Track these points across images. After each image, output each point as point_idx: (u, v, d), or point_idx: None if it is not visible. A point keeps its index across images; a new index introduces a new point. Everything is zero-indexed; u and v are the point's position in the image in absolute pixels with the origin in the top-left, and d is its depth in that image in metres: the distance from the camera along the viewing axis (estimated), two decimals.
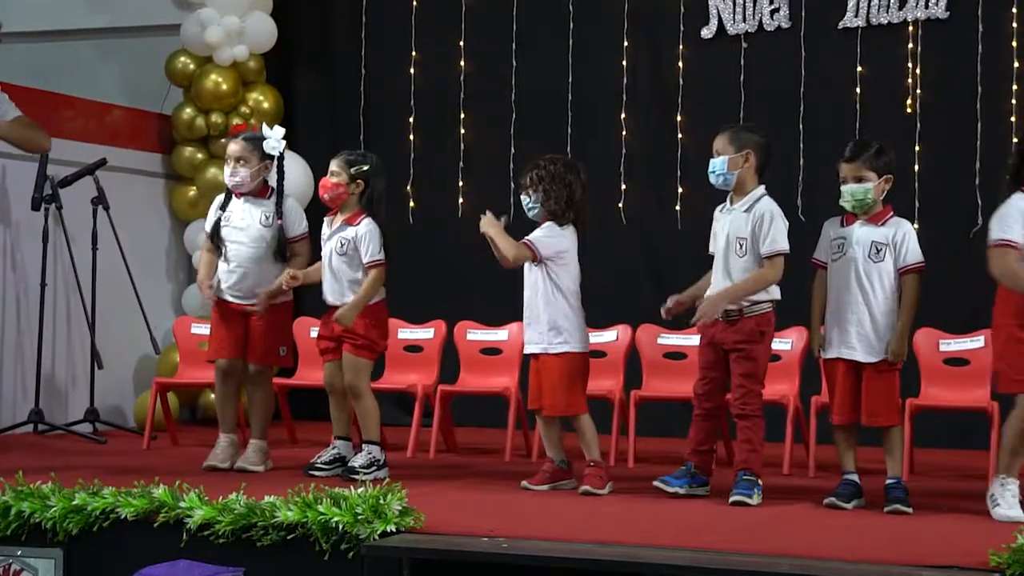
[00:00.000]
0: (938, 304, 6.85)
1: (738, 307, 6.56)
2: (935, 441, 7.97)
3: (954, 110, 9.04)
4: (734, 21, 9.60)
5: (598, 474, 6.76)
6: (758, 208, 6.59)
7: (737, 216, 6.61)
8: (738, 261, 6.59)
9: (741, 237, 6.58)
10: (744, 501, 6.40)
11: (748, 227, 6.56)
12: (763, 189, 6.66)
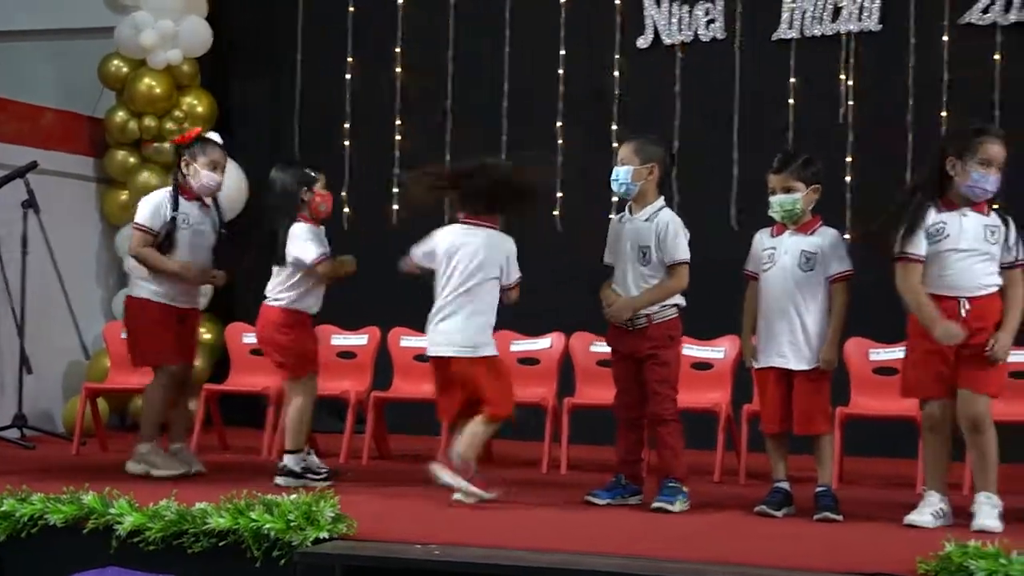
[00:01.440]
0: (868, 313, 6.90)
1: (646, 315, 6.64)
2: (864, 449, 8.02)
3: (886, 121, 9.13)
4: (670, 31, 9.66)
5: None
6: (660, 218, 6.68)
7: (639, 226, 6.69)
8: (641, 269, 6.66)
9: (644, 246, 6.66)
10: (665, 508, 6.45)
11: (652, 237, 6.64)
12: (663, 200, 6.76)
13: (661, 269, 6.65)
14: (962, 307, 6.13)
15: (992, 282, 6.16)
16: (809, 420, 6.43)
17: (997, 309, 6.16)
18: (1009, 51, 8.96)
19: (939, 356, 6.16)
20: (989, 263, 6.15)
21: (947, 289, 6.16)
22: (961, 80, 9.01)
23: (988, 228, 6.17)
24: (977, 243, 6.14)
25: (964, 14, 9.05)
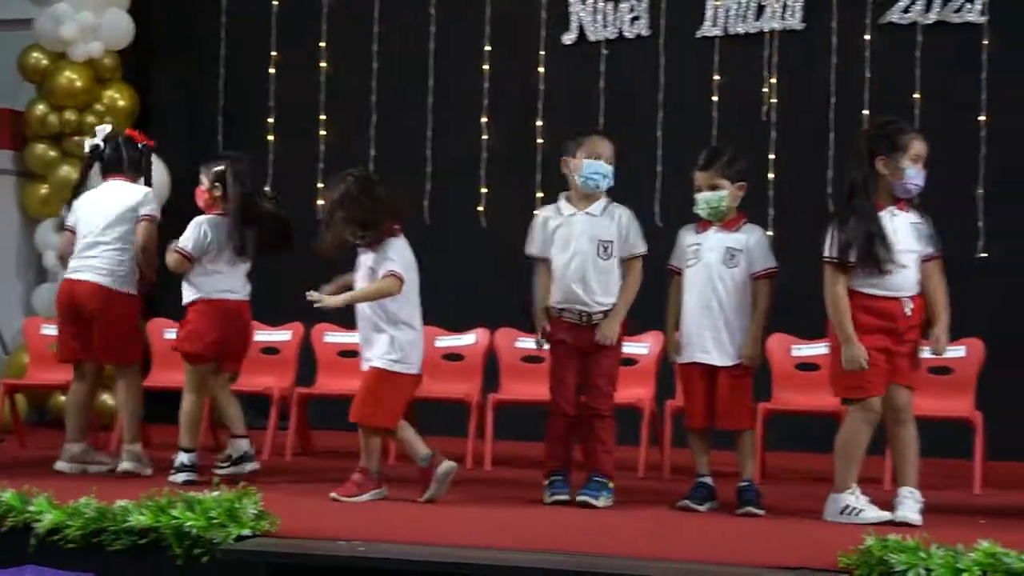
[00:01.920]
0: (791, 310, 6.96)
1: (602, 310, 6.61)
2: (787, 444, 8.09)
3: (808, 119, 9.20)
4: (595, 28, 9.68)
5: (357, 480, 6.61)
6: (617, 211, 6.67)
7: (595, 220, 6.65)
8: (602, 263, 6.62)
9: (605, 240, 6.62)
10: (590, 502, 6.46)
11: (613, 230, 6.61)
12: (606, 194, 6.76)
13: (617, 264, 6.65)
14: (906, 307, 6.17)
15: (919, 279, 6.23)
16: (732, 415, 6.47)
17: (923, 306, 6.23)
18: (929, 50, 9.05)
19: (885, 354, 6.19)
20: (917, 260, 6.22)
21: (890, 290, 6.17)
22: (882, 79, 9.10)
23: (914, 226, 6.23)
24: (910, 242, 6.20)
25: (885, 13, 9.14)
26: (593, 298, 6.60)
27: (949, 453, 7.45)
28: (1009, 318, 8.49)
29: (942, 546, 4.94)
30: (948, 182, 8.57)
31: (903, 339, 6.18)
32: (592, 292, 6.60)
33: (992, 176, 8.89)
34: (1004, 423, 7.73)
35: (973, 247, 8.75)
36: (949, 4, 9.05)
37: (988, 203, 8.87)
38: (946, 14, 9.06)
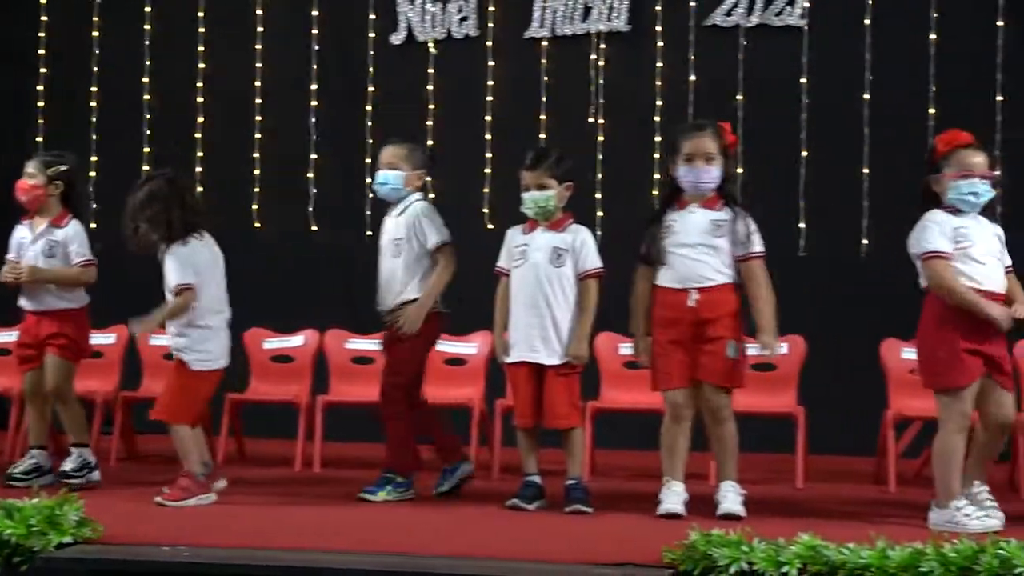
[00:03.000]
0: (618, 309, 7.03)
1: (400, 302, 6.77)
2: (615, 442, 8.17)
3: (634, 120, 9.30)
4: (423, 28, 9.67)
5: (183, 485, 6.56)
6: (413, 208, 6.82)
7: (395, 221, 6.85)
8: (394, 262, 6.78)
9: (397, 239, 6.78)
10: (366, 498, 6.61)
11: (404, 229, 6.78)
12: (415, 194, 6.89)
13: (417, 259, 6.78)
14: (690, 298, 6.31)
15: (721, 274, 6.35)
16: (560, 414, 6.51)
17: (728, 301, 6.36)
18: (752, 52, 9.22)
19: (679, 346, 6.33)
20: (714, 256, 6.34)
21: (675, 281, 6.36)
22: (706, 80, 9.24)
23: (714, 222, 6.35)
24: (701, 237, 6.34)
25: (708, 16, 9.29)
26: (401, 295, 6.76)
27: (773, 448, 7.59)
28: (828, 315, 8.68)
29: (764, 540, 5.05)
30: (771, 182, 8.80)
31: (703, 335, 6.31)
32: (393, 291, 6.78)
33: (812, 176, 9.08)
34: (824, 418, 7.90)
35: (794, 246, 8.92)
36: (770, 7, 9.23)
37: (808, 202, 9.05)
38: (767, 17, 9.24)
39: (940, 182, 6.25)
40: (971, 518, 5.99)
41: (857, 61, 9.05)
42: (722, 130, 6.45)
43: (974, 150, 6.26)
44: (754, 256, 6.38)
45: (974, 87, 8.90)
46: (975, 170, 6.21)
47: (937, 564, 4.84)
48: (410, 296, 6.78)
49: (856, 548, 4.95)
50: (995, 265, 6.22)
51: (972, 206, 6.24)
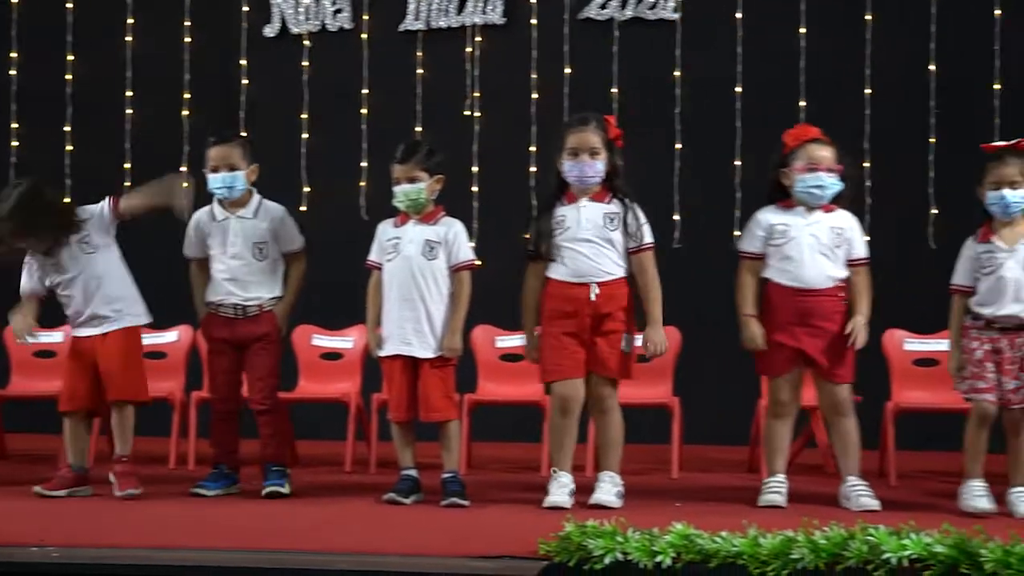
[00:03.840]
0: (495, 301, 7.05)
1: (258, 304, 6.74)
2: (492, 435, 8.18)
3: (511, 113, 9.31)
4: (297, 21, 9.60)
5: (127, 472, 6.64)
6: (269, 212, 6.83)
7: (247, 222, 6.80)
8: (260, 264, 6.76)
9: (260, 243, 6.76)
10: (279, 491, 6.57)
11: (266, 230, 6.77)
12: (257, 194, 6.89)
13: (276, 261, 6.82)
14: (592, 292, 6.34)
15: (618, 267, 6.38)
16: (435, 407, 6.50)
17: (624, 295, 6.40)
18: (626, 46, 9.26)
19: (575, 339, 6.36)
20: (611, 249, 6.36)
21: (572, 276, 6.38)
22: (582, 73, 9.27)
23: (607, 216, 6.38)
24: (596, 231, 6.36)
25: (583, 9, 9.32)
26: (255, 294, 6.73)
27: (649, 438, 7.63)
28: (701, 306, 8.75)
29: (638, 530, 5.09)
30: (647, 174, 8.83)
31: (599, 328, 6.33)
32: (248, 290, 6.74)
33: (686, 169, 9.16)
34: (698, 408, 7.98)
35: (669, 238, 8.98)
36: (644, 1, 9.28)
37: (682, 194, 9.13)
38: (641, 11, 9.29)
39: (788, 176, 6.40)
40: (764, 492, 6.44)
41: (729, 54, 9.13)
42: (607, 123, 6.49)
43: (822, 144, 6.45)
44: (645, 248, 6.43)
45: (844, 81, 9.03)
46: (821, 163, 6.40)
47: (808, 551, 4.91)
48: (275, 294, 6.79)
49: (729, 536, 5.02)
50: (821, 261, 6.42)
51: (817, 199, 6.45)
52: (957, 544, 4.85)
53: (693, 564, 4.96)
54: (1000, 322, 6.26)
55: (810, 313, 6.41)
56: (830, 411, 6.53)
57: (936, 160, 8.84)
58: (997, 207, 6.27)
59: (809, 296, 6.42)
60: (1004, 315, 6.25)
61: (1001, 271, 6.25)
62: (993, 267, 6.27)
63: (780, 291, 6.46)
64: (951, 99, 8.95)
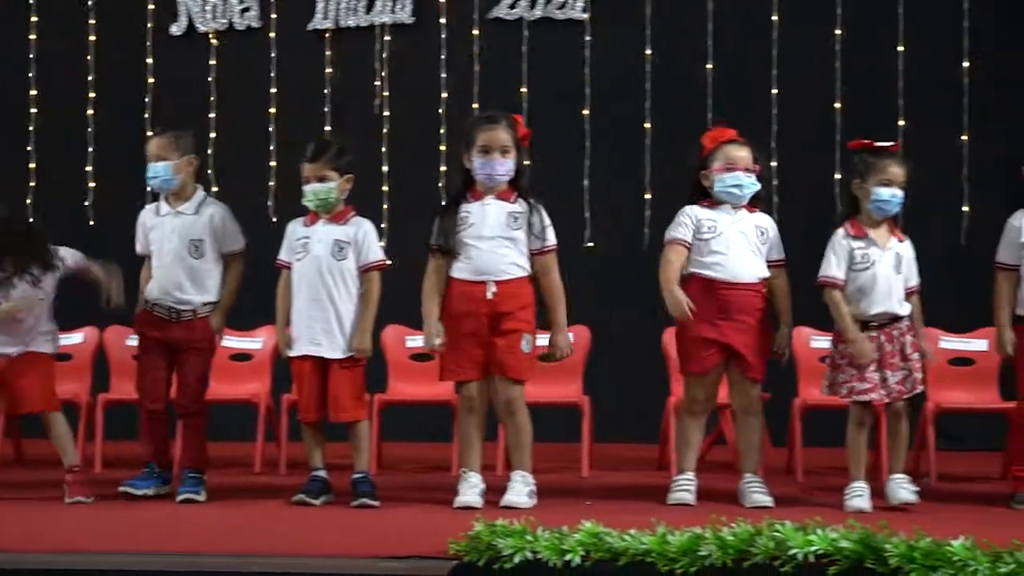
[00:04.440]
0: (405, 301, 7.03)
1: (193, 308, 6.65)
2: (402, 435, 8.17)
3: (421, 112, 9.30)
4: (204, 19, 9.52)
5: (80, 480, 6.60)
6: (209, 209, 6.74)
7: (188, 219, 6.70)
8: (195, 262, 6.66)
9: (196, 240, 6.67)
10: (194, 499, 6.49)
11: (205, 229, 6.68)
12: (203, 191, 6.82)
13: (213, 261, 6.70)
14: (489, 290, 6.35)
15: (518, 267, 6.39)
16: (345, 407, 6.48)
17: (525, 294, 6.41)
18: (535, 45, 9.29)
19: (475, 338, 6.36)
20: (512, 248, 6.38)
21: (472, 273, 6.39)
22: (491, 73, 9.29)
23: (511, 215, 6.40)
24: (499, 229, 6.38)
25: (492, 9, 9.33)
26: (184, 295, 6.65)
27: (559, 437, 7.65)
28: (611, 305, 8.82)
29: (548, 528, 5.10)
30: (556, 173, 8.88)
31: (499, 328, 6.35)
32: (184, 290, 6.64)
33: (596, 168, 9.20)
34: (608, 406, 8.03)
35: (580, 236, 9.02)
36: (553, 1, 9.31)
37: (592, 193, 9.17)
38: (550, 10, 9.32)
39: (708, 176, 6.47)
40: (674, 489, 6.51)
41: (638, 54, 9.18)
42: (516, 122, 6.50)
43: (739, 145, 6.54)
44: (548, 250, 6.43)
45: (751, 79, 9.11)
46: (739, 164, 6.48)
47: (716, 547, 4.94)
48: (213, 298, 6.71)
49: (637, 534, 5.04)
50: (749, 257, 6.51)
51: (737, 198, 6.53)
52: (862, 539, 4.90)
53: (602, 562, 4.97)
54: (876, 319, 6.40)
55: (733, 308, 6.47)
56: (742, 409, 6.59)
57: (842, 159, 8.94)
58: (884, 204, 6.40)
59: (734, 290, 6.48)
60: (877, 312, 6.39)
61: (875, 268, 6.39)
62: (868, 264, 6.40)
63: (705, 285, 6.50)
64: (857, 97, 9.06)
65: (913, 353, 6.42)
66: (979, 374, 7.58)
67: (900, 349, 6.40)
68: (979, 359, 7.59)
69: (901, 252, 6.46)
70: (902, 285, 6.45)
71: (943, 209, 8.70)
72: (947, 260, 8.28)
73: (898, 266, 6.43)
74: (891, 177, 6.39)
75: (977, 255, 6.82)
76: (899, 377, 6.39)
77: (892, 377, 6.38)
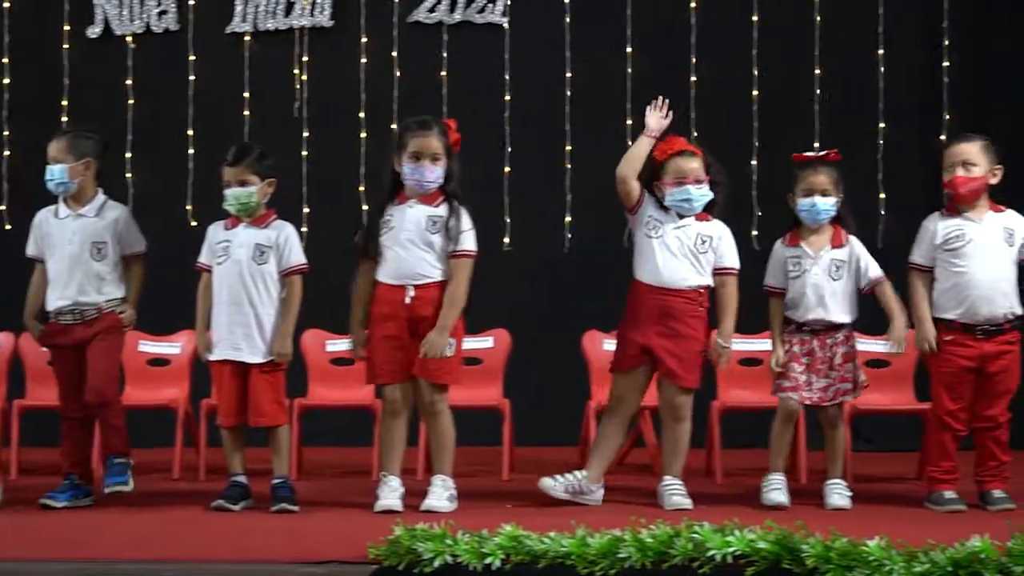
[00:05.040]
0: (325, 305, 7.02)
1: (96, 306, 6.59)
2: (324, 439, 8.15)
3: (341, 116, 9.27)
4: (121, 22, 9.44)
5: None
6: (112, 212, 6.69)
7: (90, 222, 6.64)
8: (96, 265, 6.60)
9: (99, 242, 6.61)
10: (121, 490, 6.46)
11: (108, 231, 6.62)
12: (103, 194, 6.74)
13: (113, 264, 6.62)
14: (407, 294, 6.36)
15: (437, 271, 6.40)
16: (264, 412, 6.46)
17: (440, 297, 6.40)
18: (455, 50, 9.29)
19: (396, 342, 6.37)
20: (430, 252, 6.39)
21: (393, 277, 6.40)
22: (411, 77, 9.28)
23: (431, 219, 6.40)
24: (416, 233, 6.39)
25: (412, 12, 9.33)
26: (85, 298, 6.59)
27: (480, 440, 7.67)
28: (532, 308, 8.85)
29: (468, 532, 5.11)
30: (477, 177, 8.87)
31: (419, 332, 6.36)
32: (85, 292, 6.58)
33: (516, 171, 9.21)
34: (528, 409, 8.05)
35: (500, 240, 9.04)
36: (473, 4, 9.32)
37: (512, 198, 9.18)
38: (470, 14, 9.33)
39: (660, 188, 6.54)
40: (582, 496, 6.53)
41: (558, 58, 9.22)
42: (448, 128, 6.51)
43: (688, 156, 6.59)
44: (460, 254, 6.43)
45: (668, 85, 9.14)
46: (688, 176, 6.54)
47: (635, 550, 4.98)
48: (114, 297, 6.63)
49: (557, 537, 5.06)
50: (683, 264, 6.57)
51: (688, 211, 6.62)
52: (779, 540, 4.96)
53: (522, 565, 4.99)
54: (810, 325, 6.53)
55: (666, 313, 6.53)
56: (669, 414, 6.62)
57: (759, 165, 9.02)
58: (808, 213, 6.57)
59: (666, 296, 6.53)
60: (811, 319, 6.54)
61: (807, 276, 6.55)
62: (800, 272, 6.57)
63: (641, 289, 6.58)
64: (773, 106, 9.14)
65: (845, 363, 6.51)
66: (895, 376, 7.67)
67: (830, 358, 6.50)
68: (895, 361, 7.67)
69: (840, 257, 6.57)
70: (845, 291, 6.58)
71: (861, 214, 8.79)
72: None
73: (835, 272, 6.54)
74: (811, 186, 6.53)
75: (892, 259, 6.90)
76: (823, 384, 6.50)
77: (816, 383, 6.50)
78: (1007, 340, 6.50)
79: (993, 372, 6.47)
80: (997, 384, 6.48)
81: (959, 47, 9.18)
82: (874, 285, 6.63)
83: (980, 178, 6.47)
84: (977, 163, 6.45)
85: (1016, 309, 6.50)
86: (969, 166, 6.46)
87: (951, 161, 6.49)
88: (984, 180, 6.49)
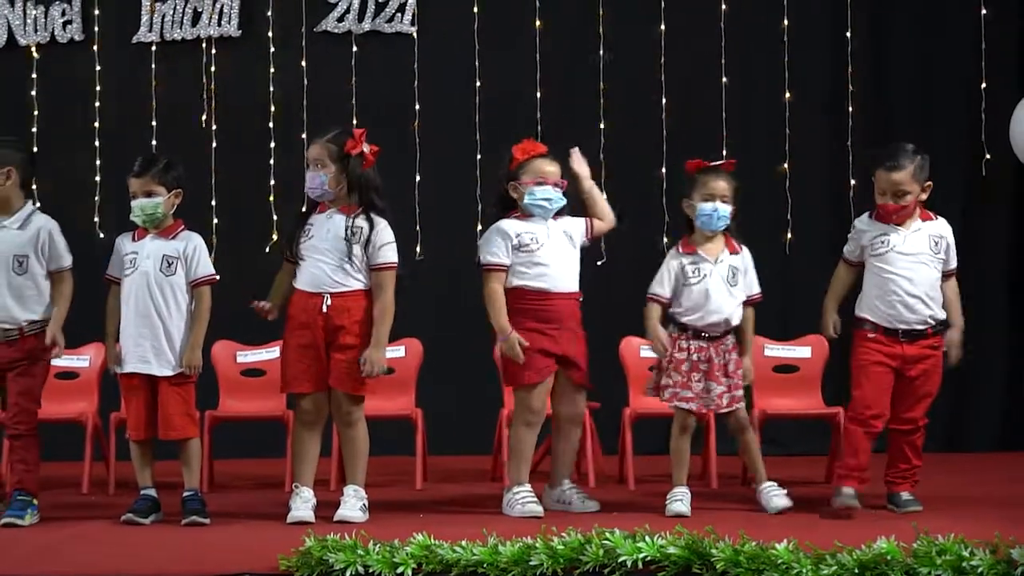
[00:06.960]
0: (235, 316, 6.99)
1: (18, 326, 6.47)
2: (236, 451, 8.09)
3: (249, 126, 9.23)
4: (25, 32, 9.33)
5: None
6: (37, 223, 6.55)
7: (12, 234, 6.51)
8: (18, 279, 6.48)
9: (20, 255, 6.49)
10: (15, 522, 6.30)
11: (30, 244, 6.49)
12: (31, 204, 6.64)
13: (37, 278, 6.50)
14: (324, 303, 6.35)
15: (354, 280, 6.39)
16: (174, 425, 6.42)
17: (360, 308, 6.40)
18: (363, 59, 9.29)
19: (311, 351, 6.37)
20: (348, 262, 6.38)
21: (310, 285, 6.40)
22: (320, 86, 9.26)
23: (349, 229, 6.40)
24: (334, 242, 6.39)
25: (320, 22, 9.30)
26: (6, 313, 6.46)
27: (392, 450, 7.66)
28: (441, 317, 8.85)
29: (380, 542, 5.12)
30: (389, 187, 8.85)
31: (335, 341, 6.35)
32: (5, 307, 6.46)
33: (426, 181, 9.21)
34: (441, 418, 8.06)
35: (411, 249, 9.03)
36: (381, 14, 9.32)
37: (422, 206, 9.18)
38: (379, 24, 9.32)
39: (517, 188, 6.56)
40: (523, 503, 6.45)
41: (467, 67, 9.23)
42: (344, 137, 6.49)
43: (549, 159, 6.69)
44: (382, 266, 6.42)
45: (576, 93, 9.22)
46: (549, 178, 6.58)
47: (546, 557, 5.00)
48: (37, 317, 6.51)
49: (468, 545, 5.08)
50: (570, 265, 6.66)
51: (546, 212, 6.64)
52: (689, 545, 5.01)
53: (434, 574, 5.01)
54: (708, 331, 6.56)
55: (560, 317, 6.58)
56: (570, 418, 6.68)
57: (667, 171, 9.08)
58: (707, 219, 6.58)
59: (559, 299, 6.59)
60: (710, 324, 6.56)
61: (706, 282, 6.56)
62: (699, 278, 6.58)
63: (533, 297, 6.58)
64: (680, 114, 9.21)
65: (737, 370, 6.58)
66: (803, 380, 7.76)
67: (725, 365, 6.56)
68: (803, 366, 7.76)
69: (735, 264, 6.63)
70: (739, 297, 6.63)
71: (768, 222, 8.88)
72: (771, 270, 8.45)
73: (732, 278, 6.59)
74: (712, 191, 6.56)
75: (799, 265, 6.98)
76: (720, 391, 6.54)
77: (715, 389, 6.55)
78: (930, 345, 6.53)
79: (914, 376, 6.51)
80: (918, 388, 6.53)
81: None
82: (748, 302, 6.69)
83: (911, 204, 6.50)
84: (909, 190, 6.46)
85: (939, 315, 6.55)
86: (901, 195, 6.48)
87: (883, 188, 6.48)
88: (914, 203, 6.52)
